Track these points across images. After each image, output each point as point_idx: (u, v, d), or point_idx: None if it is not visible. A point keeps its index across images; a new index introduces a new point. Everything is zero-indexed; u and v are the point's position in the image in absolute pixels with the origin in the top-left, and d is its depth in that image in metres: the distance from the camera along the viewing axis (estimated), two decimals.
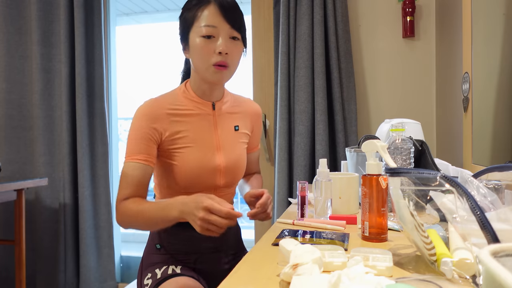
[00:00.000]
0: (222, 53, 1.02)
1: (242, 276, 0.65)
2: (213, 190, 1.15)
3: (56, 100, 2.35)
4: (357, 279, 0.53)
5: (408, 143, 1.01)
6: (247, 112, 1.24)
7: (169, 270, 1.10)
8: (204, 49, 1.03)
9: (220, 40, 1.03)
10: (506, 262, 0.36)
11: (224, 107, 1.18)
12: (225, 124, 1.17)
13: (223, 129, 1.16)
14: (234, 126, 1.18)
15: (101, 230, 2.35)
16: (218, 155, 1.13)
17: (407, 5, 1.99)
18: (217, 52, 1.03)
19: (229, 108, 1.19)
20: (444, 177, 0.58)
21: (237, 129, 1.19)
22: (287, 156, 2.05)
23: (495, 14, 1.25)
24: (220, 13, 1.03)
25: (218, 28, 1.03)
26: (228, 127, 1.17)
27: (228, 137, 1.16)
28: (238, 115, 1.21)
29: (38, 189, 2.33)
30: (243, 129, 1.22)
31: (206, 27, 1.02)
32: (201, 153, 1.10)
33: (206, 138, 1.12)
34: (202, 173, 1.10)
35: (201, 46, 1.04)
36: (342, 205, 1.09)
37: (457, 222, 0.59)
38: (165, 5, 3.43)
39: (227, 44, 1.03)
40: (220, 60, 1.03)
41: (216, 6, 1.03)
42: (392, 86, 2.10)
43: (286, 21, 2.04)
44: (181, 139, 1.09)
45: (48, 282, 2.33)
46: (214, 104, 1.15)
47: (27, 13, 2.36)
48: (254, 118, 1.26)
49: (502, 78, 1.21)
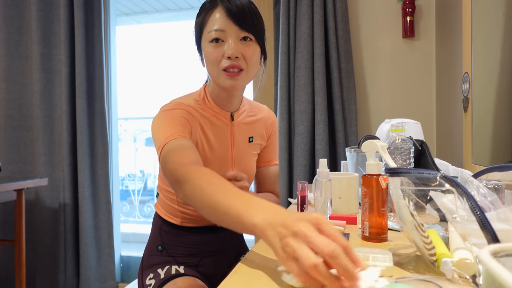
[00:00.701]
0: (231, 57, 0.96)
1: (242, 276, 0.65)
2: None
3: (56, 100, 2.35)
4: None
5: (408, 143, 1.01)
6: (264, 121, 1.20)
7: (172, 270, 1.09)
8: (213, 54, 0.98)
9: (228, 43, 0.96)
10: (506, 262, 0.36)
11: (241, 117, 1.13)
12: (240, 136, 1.12)
13: (238, 141, 1.11)
14: (249, 137, 1.14)
15: (101, 230, 2.35)
16: (230, 168, 1.10)
17: (407, 5, 1.99)
18: (226, 56, 0.96)
19: (246, 118, 1.14)
20: (444, 177, 0.58)
21: (251, 141, 1.15)
22: (287, 156, 2.05)
23: (495, 14, 1.25)
24: (227, 16, 0.96)
25: (226, 31, 0.97)
26: (243, 139, 1.13)
27: (243, 149, 1.13)
28: (253, 126, 1.16)
29: (38, 189, 2.33)
30: (257, 140, 1.18)
31: (214, 32, 0.97)
32: (214, 165, 1.06)
33: (222, 151, 1.08)
34: None
35: (209, 52, 0.98)
36: (342, 205, 1.09)
37: (457, 222, 0.59)
38: (165, 5, 3.43)
39: (236, 47, 0.96)
40: (230, 64, 0.96)
41: (223, 9, 0.97)
42: (392, 86, 2.10)
43: (286, 21, 2.04)
44: (198, 147, 1.04)
45: (48, 282, 2.33)
46: (232, 114, 1.09)
47: (27, 13, 2.36)
48: (270, 127, 1.21)
49: (502, 78, 1.21)
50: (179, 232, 1.13)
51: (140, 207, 4.11)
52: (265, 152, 1.22)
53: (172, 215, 1.12)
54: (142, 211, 4.09)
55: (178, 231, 1.13)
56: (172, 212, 1.12)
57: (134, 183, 4.21)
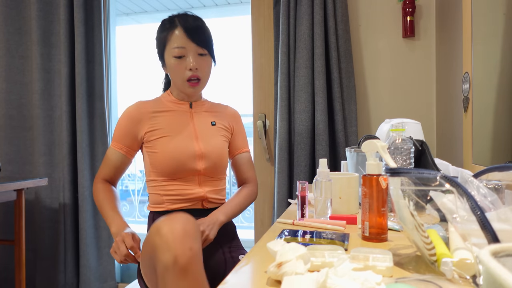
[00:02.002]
0: (192, 69, 1.22)
1: (242, 276, 0.65)
2: (196, 175, 1.25)
3: (56, 100, 2.35)
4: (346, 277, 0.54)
5: (408, 143, 1.01)
6: (225, 113, 1.39)
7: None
8: (177, 67, 1.23)
9: (189, 58, 1.22)
10: (506, 262, 0.36)
11: (201, 107, 1.34)
12: (202, 119, 1.32)
13: (199, 122, 1.31)
14: (211, 121, 1.34)
15: (101, 230, 2.35)
16: (195, 142, 1.26)
17: (407, 5, 1.99)
18: (188, 68, 1.22)
19: (206, 109, 1.36)
20: (444, 177, 0.58)
21: (214, 124, 1.33)
22: (287, 156, 2.05)
23: (495, 14, 1.25)
24: (185, 35, 1.21)
25: (186, 48, 1.22)
26: (205, 122, 1.32)
27: (206, 129, 1.31)
28: (214, 114, 1.36)
29: (38, 189, 2.33)
30: (220, 125, 1.35)
31: (176, 49, 1.22)
32: (178, 140, 1.24)
33: (183, 128, 1.27)
34: (181, 157, 1.22)
35: (174, 65, 1.23)
36: (342, 205, 1.09)
37: (457, 222, 0.59)
38: (165, 5, 3.43)
39: (196, 61, 1.22)
40: (192, 74, 1.23)
41: (181, 29, 1.22)
42: (392, 86, 2.10)
43: (286, 21, 2.04)
44: (159, 130, 1.25)
45: (48, 282, 2.33)
46: (191, 103, 1.33)
47: (27, 13, 2.36)
48: (232, 118, 1.40)
49: (502, 78, 1.21)
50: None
51: (140, 207, 4.11)
52: (234, 141, 1.40)
53: (160, 203, 1.27)
54: (142, 211, 4.09)
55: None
56: (159, 201, 1.27)
57: (134, 183, 4.21)
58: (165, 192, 1.25)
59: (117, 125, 1.27)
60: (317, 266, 0.64)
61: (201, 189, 1.26)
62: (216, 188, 1.30)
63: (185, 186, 1.24)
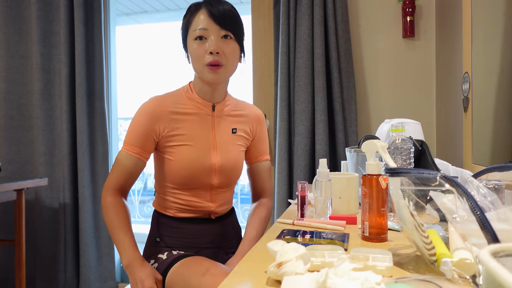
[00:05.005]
0: (213, 52, 1.07)
1: (242, 276, 0.65)
2: (209, 190, 1.18)
3: (56, 100, 2.35)
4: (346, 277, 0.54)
5: (408, 143, 1.01)
6: (248, 117, 1.25)
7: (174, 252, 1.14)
8: (197, 50, 1.09)
9: (210, 39, 1.08)
10: (506, 262, 0.36)
11: (225, 109, 1.20)
12: (223, 126, 1.19)
13: (220, 130, 1.18)
14: (232, 128, 1.21)
15: (101, 230, 2.35)
16: (213, 154, 1.16)
17: (407, 5, 1.99)
18: (208, 51, 1.07)
19: (229, 111, 1.22)
20: (444, 177, 0.58)
21: (234, 132, 1.21)
22: (287, 156, 2.05)
23: (495, 14, 1.25)
24: (209, 16, 1.08)
25: (208, 30, 1.08)
26: (225, 129, 1.20)
27: (225, 138, 1.19)
28: (237, 119, 1.23)
29: (38, 189, 2.33)
30: (241, 133, 1.23)
31: (198, 30, 1.08)
32: (197, 151, 1.13)
33: (203, 137, 1.15)
34: (197, 171, 1.13)
35: (194, 48, 1.09)
36: (342, 205, 1.09)
37: (457, 222, 0.59)
38: (165, 5, 3.43)
39: (217, 43, 1.07)
40: (212, 59, 1.07)
41: (206, 10, 1.08)
42: (392, 86, 2.10)
43: (286, 21, 2.04)
44: (178, 136, 1.13)
45: (48, 282, 2.33)
46: (214, 105, 1.18)
47: (27, 13, 2.36)
48: (255, 122, 1.27)
49: (502, 78, 1.21)
50: (175, 223, 1.18)
51: (140, 207, 4.12)
52: (254, 146, 1.28)
53: (167, 208, 1.19)
54: (142, 211, 4.10)
55: (173, 222, 1.18)
56: (166, 205, 1.19)
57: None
58: (174, 200, 1.17)
59: (132, 124, 1.12)
60: (317, 266, 0.64)
61: (211, 204, 1.19)
62: (225, 200, 1.24)
63: (196, 198, 1.17)
